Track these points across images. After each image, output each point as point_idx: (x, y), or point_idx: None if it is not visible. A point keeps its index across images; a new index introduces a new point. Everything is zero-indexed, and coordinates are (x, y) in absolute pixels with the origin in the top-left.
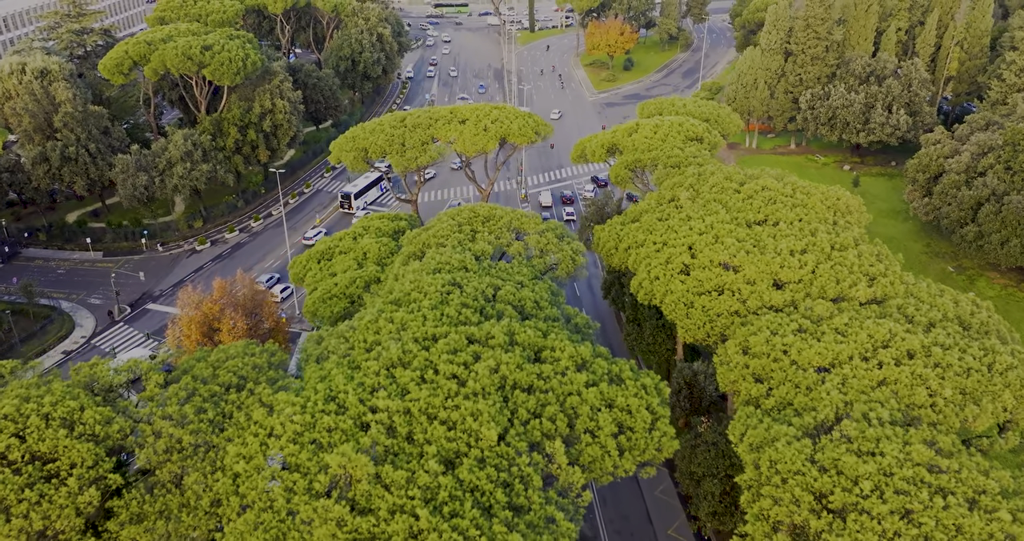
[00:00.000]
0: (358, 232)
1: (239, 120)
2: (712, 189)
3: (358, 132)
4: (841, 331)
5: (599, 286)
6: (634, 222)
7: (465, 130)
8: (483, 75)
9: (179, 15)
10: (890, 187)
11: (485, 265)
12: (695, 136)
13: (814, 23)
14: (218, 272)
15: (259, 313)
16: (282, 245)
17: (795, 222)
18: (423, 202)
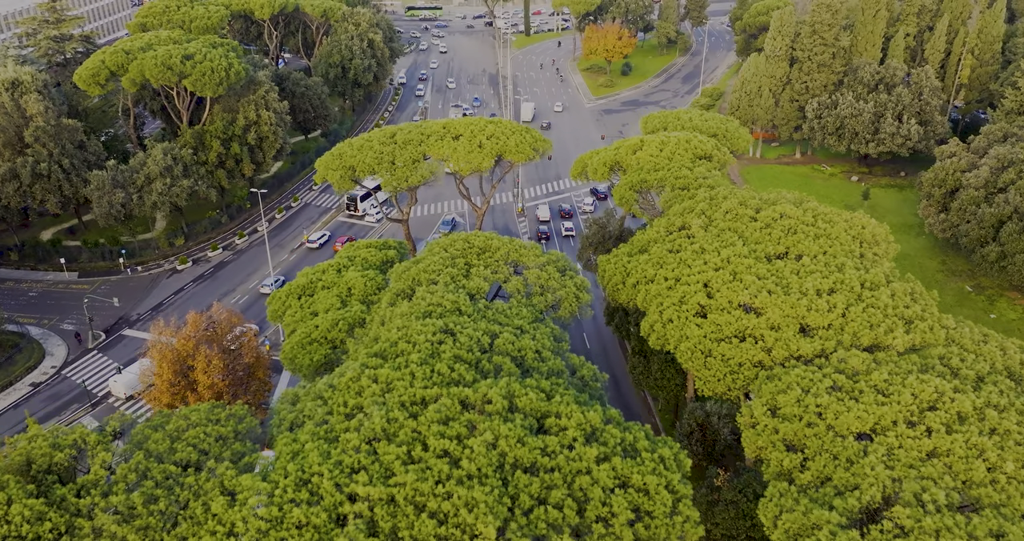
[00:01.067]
0: (343, 263)
1: (222, 133)
2: (726, 216)
3: (345, 149)
4: (881, 389)
5: (601, 309)
6: (642, 253)
7: (459, 147)
8: (478, 81)
9: (162, 21)
10: (900, 199)
11: (481, 306)
12: (703, 154)
13: (820, 29)
14: (199, 294)
15: (238, 346)
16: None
17: (819, 255)
18: (415, 217)
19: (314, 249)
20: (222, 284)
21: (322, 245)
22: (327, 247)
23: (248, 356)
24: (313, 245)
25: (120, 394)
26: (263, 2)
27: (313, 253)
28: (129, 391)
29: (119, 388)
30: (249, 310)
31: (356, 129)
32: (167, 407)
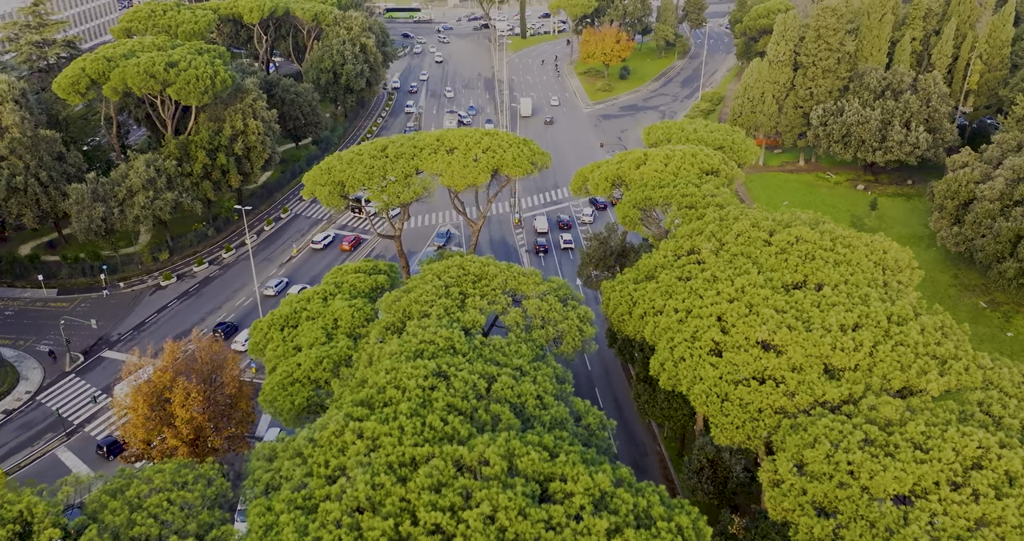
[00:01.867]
0: (329, 290)
1: (207, 143)
2: (738, 239)
3: (334, 163)
4: (919, 443)
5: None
6: (649, 280)
7: (453, 161)
8: (474, 85)
9: (147, 26)
10: (909, 209)
11: (477, 343)
12: (710, 168)
13: (825, 34)
14: (183, 312)
15: (219, 376)
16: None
17: (840, 285)
18: (408, 228)
19: (318, 250)
20: (207, 301)
21: (326, 246)
22: (333, 246)
23: (230, 386)
24: (318, 246)
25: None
26: (252, 6)
27: (318, 254)
28: None
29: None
30: (248, 317)
31: (348, 136)
32: (142, 443)
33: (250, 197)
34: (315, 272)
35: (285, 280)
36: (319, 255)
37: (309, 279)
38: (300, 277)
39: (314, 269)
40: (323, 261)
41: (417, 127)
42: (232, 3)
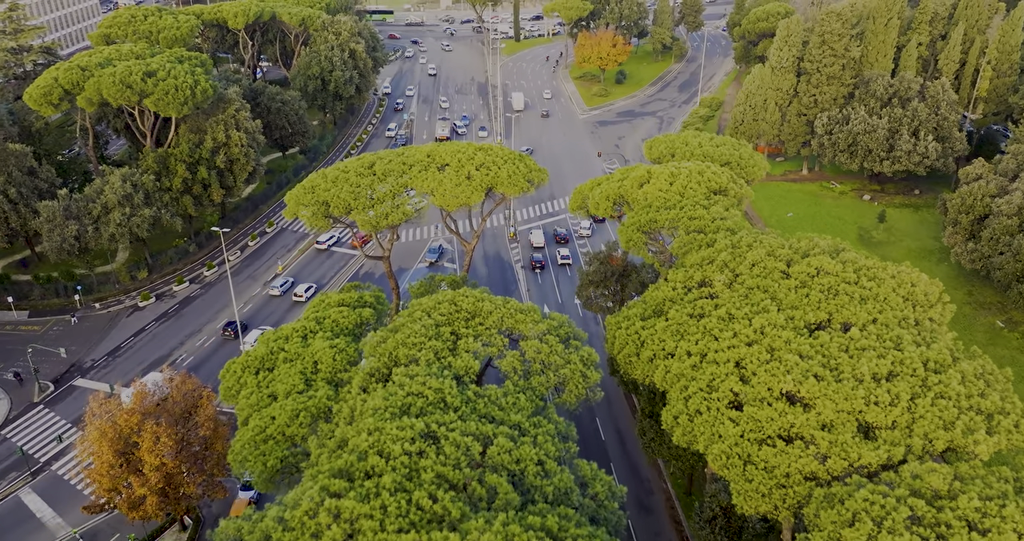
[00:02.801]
0: (310, 327)
1: (188, 156)
2: (753, 270)
3: (318, 181)
4: (974, 523)
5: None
6: (657, 316)
7: (445, 179)
8: (467, 90)
9: (127, 32)
10: (917, 221)
11: (470, 394)
12: (718, 187)
13: (830, 39)
14: (161, 335)
15: (193, 416)
16: (242, 297)
17: (869, 325)
18: (398, 243)
19: (322, 251)
20: (187, 323)
21: (331, 247)
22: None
23: (205, 427)
24: (322, 247)
25: None
26: (236, 11)
27: (321, 255)
28: None
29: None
30: (255, 316)
31: (338, 144)
32: (107, 492)
33: (234, 210)
34: (320, 272)
35: (291, 280)
36: (323, 257)
37: (315, 278)
38: (305, 277)
39: (319, 269)
40: (327, 263)
41: (409, 135)
42: (216, 8)
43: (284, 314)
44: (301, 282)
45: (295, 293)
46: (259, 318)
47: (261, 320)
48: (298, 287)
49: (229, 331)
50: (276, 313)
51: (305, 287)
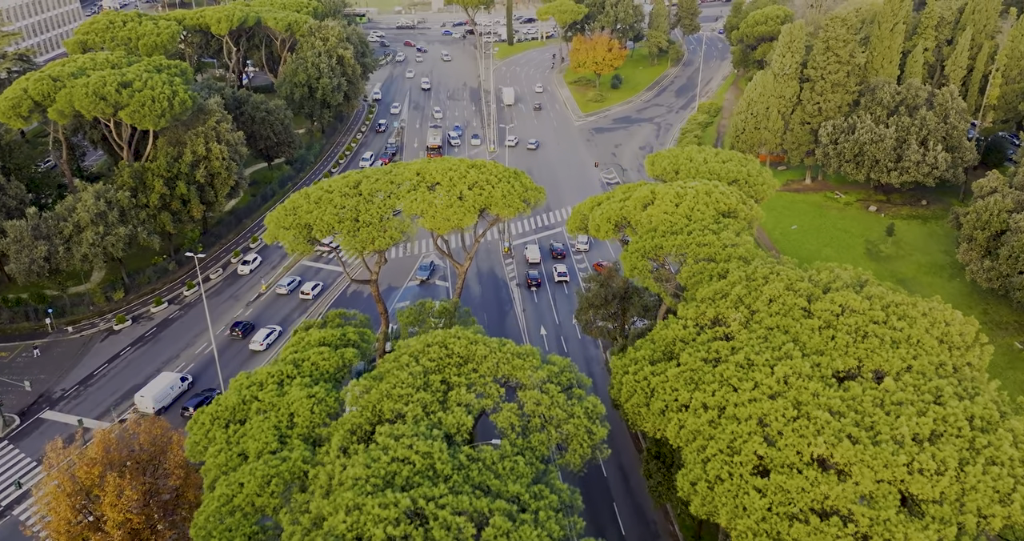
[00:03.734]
0: (287, 372)
1: (165, 171)
2: (771, 307)
3: (300, 202)
4: None
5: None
6: (668, 359)
7: (436, 200)
8: (459, 96)
9: (104, 39)
10: (926, 234)
11: (463, 459)
12: (728, 209)
13: (835, 45)
14: (137, 362)
15: (162, 462)
16: (222, 319)
17: (903, 373)
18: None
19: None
20: (165, 347)
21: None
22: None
23: (175, 476)
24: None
25: (148, 409)
26: (220, 16)
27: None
28: (157, 405)
29: (146, 403)
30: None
31: (326, 154)
32: None
33: (216, 225)
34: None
35: (298, 278)
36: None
37: (321, 277)
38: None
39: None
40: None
41: (399, 143)
42: (199, 13)
43: (291, 312)
44: (308, 280)
45: (302, 291)
46: (266, 317)
47: (268, 319)
48: (305, 285)
49: (237, 331)
50: (282, 312)
51: (313, 285)
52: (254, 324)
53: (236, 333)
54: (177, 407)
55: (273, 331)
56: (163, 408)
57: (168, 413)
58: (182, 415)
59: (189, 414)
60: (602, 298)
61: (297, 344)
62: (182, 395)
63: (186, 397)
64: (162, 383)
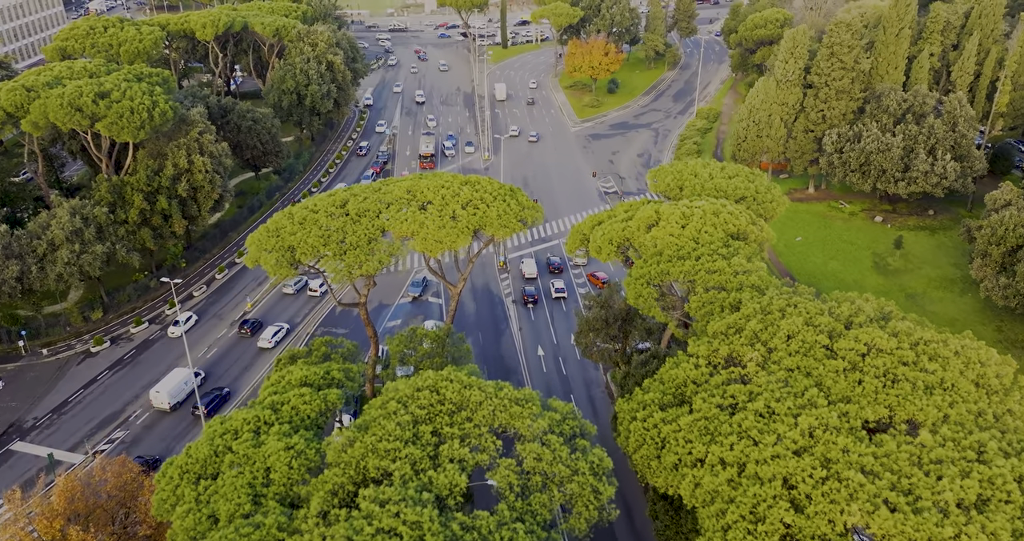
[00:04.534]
0: (264, 417)
1: (145, 185)
2: (790, 345)
3: (283, 223)
4: None
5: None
6: (680, 404)
7: (427, 221)
8: (452, 101)
9: (84, 46)
10: (934, 246)
11: (455, 530)
12: (737, 231)
13: (839, 51)
14: (115, 387)
15: (132, 510)
16: (202, 343)
17: (940, 424)
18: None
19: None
20: (145, 371)
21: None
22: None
23: (145, 526)
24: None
25: (164, 405)
26: (205, 22)
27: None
28: (173, 400)
29: (162, 398)
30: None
31: (315, 162)
32: None
33: (201, 239)
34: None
35: (304, 279)
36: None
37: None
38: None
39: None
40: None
41: (391, 151)
42: (183, 18)
43: (299, 310)
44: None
45: (310, 288)
46: (273, 315)
47: (275, 317)
48: (312, 282)
49: (245, 329)
50: (289, 310)
51: (319, 282)
52: (262, 322)
53: (245, 331)
54: (190, 403)
55: (281, 329)
56: (178, 403)
57: (181, 408)
58: (192, 413)
59: (199, 414)
60: (603, 321)
61: (277, 383)
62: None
63: (199, 392)
64: (176, 379)
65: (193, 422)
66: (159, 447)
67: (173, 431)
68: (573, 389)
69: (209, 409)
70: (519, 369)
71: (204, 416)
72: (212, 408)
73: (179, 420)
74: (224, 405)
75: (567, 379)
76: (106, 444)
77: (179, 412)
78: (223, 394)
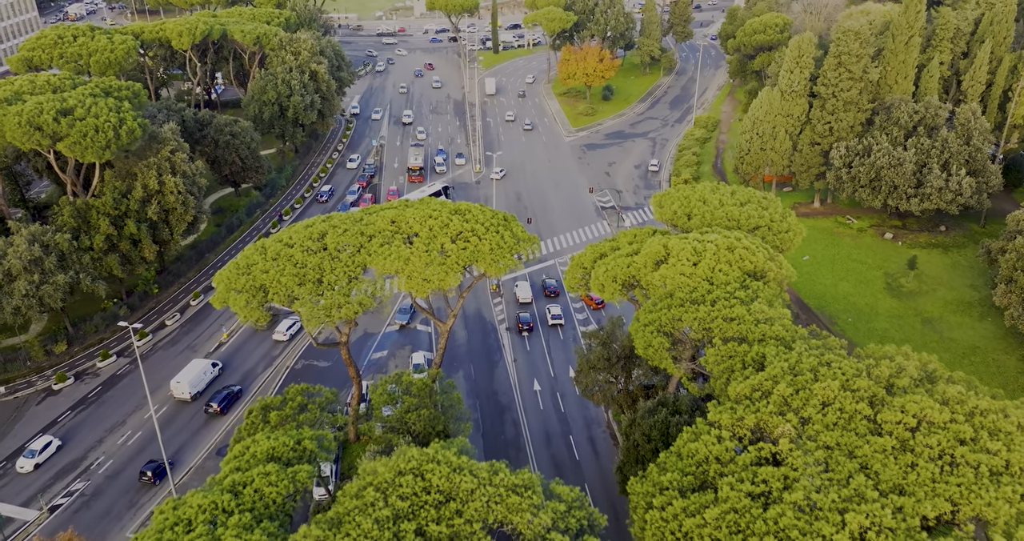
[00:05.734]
0: (223, 504)
1: (112, 208)
2: (827, 416)
3: (254, 258)
4: None
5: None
6: (703, 489)
7: (413, 256)
8: (442, 109)
9: (52, 56)
10: (948, 265)
11: None
12: (754, 269)
13: (847, 60)
14: (77, 430)
15: None
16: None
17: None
18: None
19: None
20: (110, 411)
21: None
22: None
23: None
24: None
25: (185, 395)
26: (182, 30)
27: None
28: (194, 390)
29: (183, 389)
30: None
31: (299, 176)
32: None
33: (175, 261)
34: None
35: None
36: None
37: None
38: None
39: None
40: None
41: (378, 163)
42: (159, 26)
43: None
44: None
45: (277, 331)
46: (250, 346)
47: (251, 349)
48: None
49: (215, 407)
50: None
51: (288, 325)
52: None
53: (214, 408)
54: (210, 392)
55: (296, 322)
56: (198, 393)
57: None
58: (205, 412)
59: (213, 410)
60: (604, 360)
61: (240, 455)
62: (215, 380)
63: (217, 383)
64: (196, 369)
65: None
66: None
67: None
68: (572, 429)
69: (223, 407)
70: (514, 406)
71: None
72: (225, 406)
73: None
74: (237, 402)
75: (566, 418)
76: (64, 498)
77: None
78: (235, 392)
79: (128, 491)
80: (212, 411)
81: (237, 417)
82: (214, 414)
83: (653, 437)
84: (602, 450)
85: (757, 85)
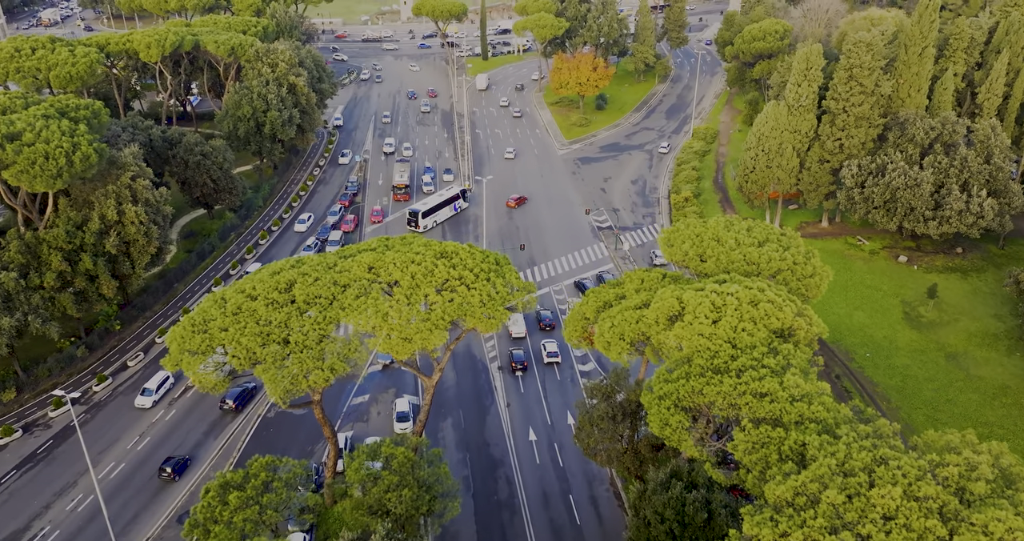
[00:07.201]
0: None
1: (65, 242)
2: (890, 533)
3: (213, 313)
4: None
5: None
6: None
7: (393, 311)
8: (429, 121)
9: (8, 70)
10: (969, 291)
11: None
12: (782, 326)
13: (859, 74)
14: (20, 494)
15: None
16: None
17: None
18: None
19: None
20: (61, 471)
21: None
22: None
23: None
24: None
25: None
26: (150, 41)
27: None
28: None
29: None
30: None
31: (277, 195)
32: None
33: (141, 293)
34: None
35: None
36: None
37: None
38: None
39: None
40: None
41: (361, 180)
42: (126, 37)
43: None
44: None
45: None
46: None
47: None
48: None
49: (168, 471)
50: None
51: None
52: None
53: (168, 473)
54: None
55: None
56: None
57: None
58: (159, 476)
59: (167, 475)
60: (608, 413)
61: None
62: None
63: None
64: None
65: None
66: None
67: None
68: (572, 487)
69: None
70: (507, 460)
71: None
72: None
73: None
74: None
75: (565, 473)
76: None
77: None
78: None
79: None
80: (166, 476)
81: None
82: (167, 479)
83: (667, 517)
84: (606, 513)
85: (757, 95)
